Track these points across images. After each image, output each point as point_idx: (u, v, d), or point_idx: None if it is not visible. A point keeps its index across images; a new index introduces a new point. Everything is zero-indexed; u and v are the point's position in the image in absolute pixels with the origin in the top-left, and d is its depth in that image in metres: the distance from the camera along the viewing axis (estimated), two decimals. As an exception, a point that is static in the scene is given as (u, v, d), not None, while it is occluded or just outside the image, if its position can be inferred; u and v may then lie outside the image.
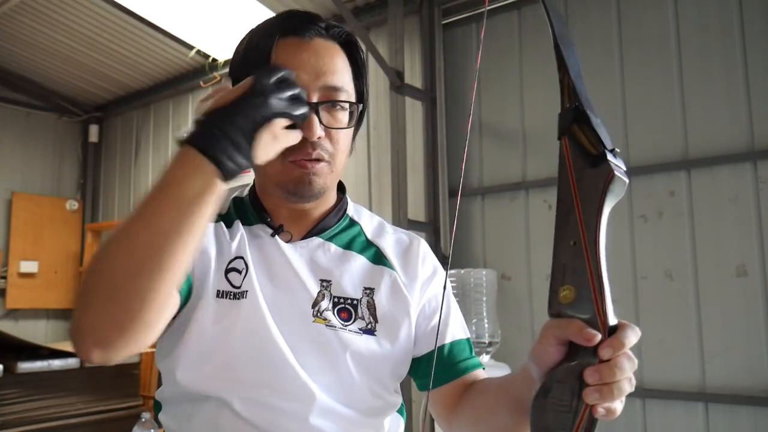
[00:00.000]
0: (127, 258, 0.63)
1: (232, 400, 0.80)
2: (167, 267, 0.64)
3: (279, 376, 0.80)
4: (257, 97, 0.68)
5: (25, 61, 4.24)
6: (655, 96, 2.51)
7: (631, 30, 2.61)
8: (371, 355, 0.84)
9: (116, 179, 4.80)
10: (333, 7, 3.13)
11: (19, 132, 4.58)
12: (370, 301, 0.87)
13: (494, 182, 2.93)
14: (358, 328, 0.85)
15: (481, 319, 2.60)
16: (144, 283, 0.63)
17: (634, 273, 2.50)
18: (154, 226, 0.64)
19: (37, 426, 3.15)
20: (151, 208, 0.65)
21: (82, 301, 0.64)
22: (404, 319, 0.88)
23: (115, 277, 0.63)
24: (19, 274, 4.38)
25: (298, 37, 0.84)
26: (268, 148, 0.70)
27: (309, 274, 0.86)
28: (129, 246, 0.64)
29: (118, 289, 0.63)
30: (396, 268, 0.91)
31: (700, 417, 2.32)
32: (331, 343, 0.83)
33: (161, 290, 0.64)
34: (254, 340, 0.80)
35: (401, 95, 2.91)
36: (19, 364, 3.11)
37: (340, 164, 0.86)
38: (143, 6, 3.43)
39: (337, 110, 0.84)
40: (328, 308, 0.84)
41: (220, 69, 3.98)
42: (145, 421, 2.18)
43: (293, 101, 0.71)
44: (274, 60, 0.83)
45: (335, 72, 0.84)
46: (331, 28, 0.87)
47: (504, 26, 2.97)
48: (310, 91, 0.81)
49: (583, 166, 0.60)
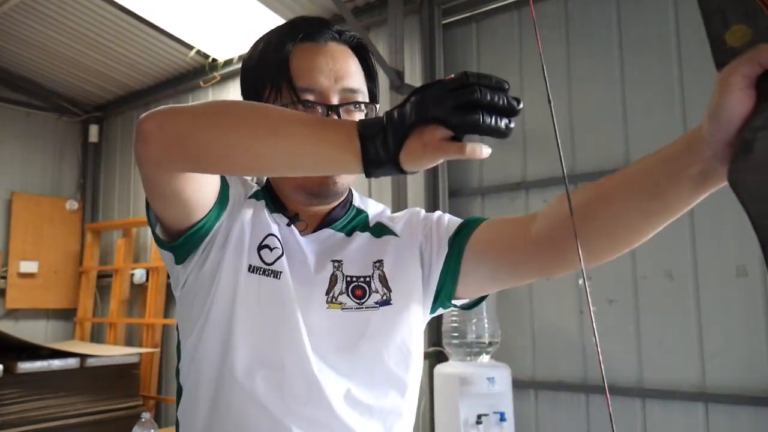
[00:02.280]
0: (226, 134, 0.68)
1: (249, 379, 0.81)
2: (243, 165, 0.71)
3: (296, 364, 0.81)
4: (417, 98, 0.61)
5: (25, 61, 4.24)
6: (656, 97, 2.51)
7: (631, 30, 2.61)
8: (391, 324, 0.86)
9: (116, 179, 4.80)
10: (333, 7, 3.13)
11: (19, 132, 4.58)
12: (381, 273, 0.89)
13: (494, 182, 2.93)
14: (374, 302, 0.87)
15: (481, 319, 2.60)
16: (226, 163, 0.71)
17: (634, 273, 2.50)
18: (267, 145, 0.68)
19: (37, 426, 3.15)
20: (279, 132, 0.67)
21: (169, 120, 0.71)
22: (415, 277, 0.89)
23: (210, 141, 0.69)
24: (19, 274, 4.38)
25: (313, 42, 0.88)
26: (417, 156, 0.61)
27: (321, 262, 0.88)
28: (237, 133, 0.68)
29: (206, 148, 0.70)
30: (398, 232, 0.93)
31: (700, 417, 2.32)
32: (347, 325, 0.85)
33: (232, 172, 0.79)
34: (284, 323, 0.83)
35: (401, 95, 2.91)
36: (19, 364, 3.11)
37: None
38: (143, 6, 3.43)
39: (356, 111, 0.88)
40: (342, 290, 0.86)
41: (220, 69, 3.98)
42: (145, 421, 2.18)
43: (467, 109, 0.58)
44: (292, 65, 0.86)
45: (351, 75, 0.88)
46: (342, 33, 0.91)
47: (504, 26, 2.97)
48: (329, 93, 0.85)
49: None
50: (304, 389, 0.81)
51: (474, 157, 0.60)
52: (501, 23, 2.98)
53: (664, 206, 0.67)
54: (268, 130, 0.67)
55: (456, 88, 0.58)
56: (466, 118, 0.57)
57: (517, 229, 0.83)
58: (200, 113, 0.72)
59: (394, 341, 0.86)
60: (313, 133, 0.66)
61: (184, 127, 0.71)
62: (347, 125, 0.65)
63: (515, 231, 0.84)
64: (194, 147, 0.70)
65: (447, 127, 0.59)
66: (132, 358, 3.66)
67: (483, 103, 0.57)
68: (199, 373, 0.86)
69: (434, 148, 0.60)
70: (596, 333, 0.63)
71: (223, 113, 0.71)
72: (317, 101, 0.85)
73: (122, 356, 3.60)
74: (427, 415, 2.67)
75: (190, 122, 0.71)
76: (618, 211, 0.72)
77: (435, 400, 2.48)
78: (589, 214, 0.71)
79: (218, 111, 0.72)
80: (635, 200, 0.69)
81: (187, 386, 0.89)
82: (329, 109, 0.85)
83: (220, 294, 0.84)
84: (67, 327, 4.63)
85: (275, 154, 0.68)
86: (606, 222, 0.73)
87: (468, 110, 0.57)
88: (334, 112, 0.85)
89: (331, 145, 0.65)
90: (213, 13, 3.39)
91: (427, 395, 2.62)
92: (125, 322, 4.25)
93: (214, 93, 4.14)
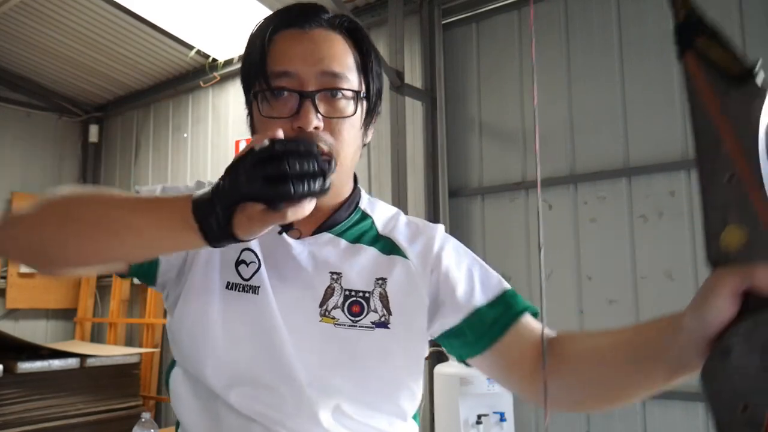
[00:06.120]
0: (81, 231, 0.69)
1: (229, 395, 0.79)
2: (109, 258, 0.71)
3: (281, 379, 0.79)
4: (232, 174, 0.61)
5: (25, 61, 4.24)
6: (655, 96, 2.51)
7: (631, 30, 2.61)
8: (385, 349, 0.81)
9: (116, 179, 4.80)
10: (333, 7, 3.13)
11: (19, 132, 4.58)
12: (382, 292, 0.82)
13: (494, 182, 2.93)
14: (370, 322, 0.81)
15: (481, 319, 2.60)
16: (86, 255, 0.71)
17: (634, 273, 2.50)
18: (109, 246, 0.69)
19: (37, 426, 3.15)
20: (126, 215, 0.68)
21: (20, 220, 0.74)
22: (419, 306, 0.83)
23: (63, 235, 0.70)
24: (19, 274, 4.38)
25: (298, 28, 0.81)
26: (245, 227, 0.62)
27: (318, 271, 0.83)
28: (88, 222, 0.69)
29: (62, 243, 0.70)
30: (409, 256, 0.86)
31: (700, 417, 2.32)
32: (339, 342, 0.80)
33: (76, 266, 0.73)
34: (262, 339, 0.79)
35: (401, 95, 2.91)
36: (19, 364, 3.11)
37: (346, 158, 0.82)
38: (143, 6, 3.43)
39: (338, 99, 0.80)
40: (337, 305, 0.81)
41: (220, 69, 3.98)
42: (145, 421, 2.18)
43: (277, 181, 0.59)
44: (270, 54, 0.80)
45: (333, 58, 0.80)
46: (335, 17, 0.84)
47: (504, 26, 2.97)
48: (306, 78, 0.78)
49: (725, 88, 0.50)
50: (290, 403, 0.78)
51: (298, 218, 0.62)
52: (501, 23, 2.98)
53: (640, 383, 0.70)
54: (104, 230, 0.68)
55: (264, 160, 0.59)
56: (279, 191, 0.59)
57: (533, 363, 0.80)
58: (36, 221, 0.72)
59: (386, 367, 0.81)
60: (150, 221, 0.66)
61: (24, 238, 0.73)
62: (181, 204, 0.64)
63: (531, 364, 0.80)
64: (47, 253, 0.72)
65: (262, 202, 0.60)
66: (132, 358, 3.66)
67: (293, 173, 0.58)
68: (186, 386, 0.85)
69: (258, 220, 0.61)
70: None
71: (59, 215, 0.71)
72: (291, 87, 0.78)
73: (122, 356, 3.60)
74: (427, 415, 2.67)
75: (27, 231, 0.72)
76: (598, 377, 0.75)
77: (435, 400, 2.48)
78: (574, 370, 0.76)
79: (55, 212, 0.72)
80: (616, 373, 0.72)
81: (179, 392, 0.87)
82: (302, 97, 0.77)
83: (188, 314, 0.81)
84: (67, 327, 4.63)
85: (122, 248, 0.69)
86: (591, 382, 0.76)
87: (278, 182, 0.59)
88: (308, 99, 0.77)
89: (171, 229, 0.65)
90: (213, 13, 3.39)
91: (427, 395, 2.62)
92: (125, 322, 4.25)
93: (214, 93, 4.14)
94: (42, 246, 0.71)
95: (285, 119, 0.78)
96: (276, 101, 0.79)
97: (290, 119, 0.78)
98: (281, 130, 0.63)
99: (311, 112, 0.76)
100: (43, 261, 0.74)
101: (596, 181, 2.62)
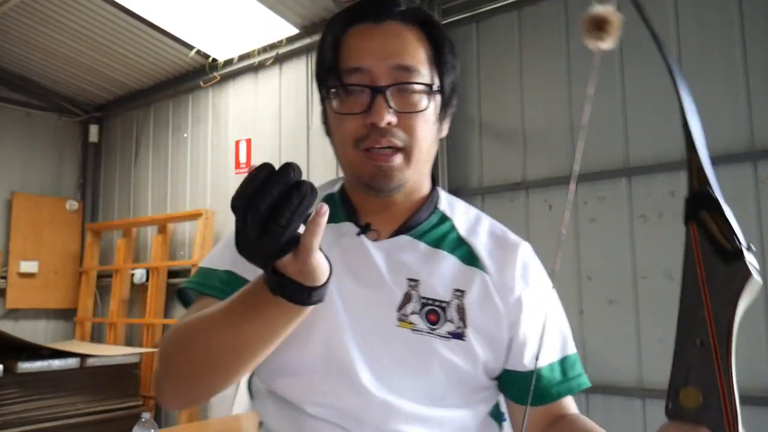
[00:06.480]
0: (206, 354, 0.68)
1: (305, 406, 0.78)
2: (243, 367, 0.68)
3: (348, 385, 0.77)
4: (244, 254, 0.57)
5: (25, 61, 4.24)
6: (655, 96, 2.51)
7: (630, 30, 2.61)
8: (459, 360, 0.79)
9: (116, 179, 4.80)
10: (333, 6, 3.13)
11: (19, 132, 4.58)
12: (459, 304, 0.80)
13: (494, 182, 2.93)
14: (446, 331, 0.79)
15: (481, 319, 2.60)
16: (221, 377, 0.69)
17: (634, 273, 2.50)
18: (240, 338, 0.66)
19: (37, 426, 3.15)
20: (235, 320, 0.66)
21: (164, 373, 0.73)
22: (495, 326, 0.81)
23: (194, 367, 0.69)
24: (19, 274, 4.38)
25: (370, 22, 0.80)
26: (306, 275, 0.58)
27: (395, 275, 0.81)
28: (211, 344, 0.68)
29: (197, 376, 0.70)
30: (489, 271, 0.83)
31: (700, 417, 2.32)
32: (417, 348, 0.78)
33: (237, 379, 0.70)
34: (327, 346, 0.78)
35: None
36: (19, 364, 3.11)
37: (420, 154, 0.80)
38: (143, 6, 3.43)
39: (410, 94, 0.78)
40: (415, 310, 0.79)
41: (220, 69, 3.97)
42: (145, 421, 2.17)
43: (263, 233, 0.53)
44: (343, 49, 0.79)
45: (405, 51, 0.78)
46: (409, 10, 0.82)
47: (504, 26, 2.97)
48: (378, 73, 0.76)
49: (714, 261, 0.55)
50: (361, 405, 0.77)
51: (319, 230, 0.56)
52: (501, 23, 2.98)
53: None
54: (226, 355, 0.67)
55: (238, 229, 0.55)
56: (285, 232, 0.53)
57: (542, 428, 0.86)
58: (170, 365, 0.73)
59: (464, 375, 0.80)
60: (246, 314, 0.64)
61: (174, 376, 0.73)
62: (261, 290, 0.62)
63: (540, 428, 0.86)
64: (199, 385, 0.72)
65: (282, 250, 0.55)
66: (132, 358, 3.66)
67: (262, 215, 0.52)
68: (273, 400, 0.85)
69: (299, 262, 0.56)
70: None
71: (180, 352, 0.71)
72: (363, 83, 0.77)
73: (122, 356, 3.60)
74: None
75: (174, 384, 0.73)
76: None
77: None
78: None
79: (180, 353, 0.72)
80: None
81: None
82: (374, 92, 0.76)
83: None
84: (67, 327, 4.63)
85: (248, 355, 0.67)
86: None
87: (264, 234, 0.53)
88: (380, 94, 0.75)
89: (267, 314, 0.63)
90: (213, 13, 3.39)
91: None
92: (125, 322, 4.25)
93: (214, 93, 4.14)
94: (198, 390, 0.72)
95: (357, 115, 0.77)
96: (348, 97, 0.79)
97: (362, 115, 0.77)
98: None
99: (383, 107, 0.75)
100: (206, 395, 0.73)
101: (596, 181, 2.62)
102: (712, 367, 0.54)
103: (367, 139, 0.77)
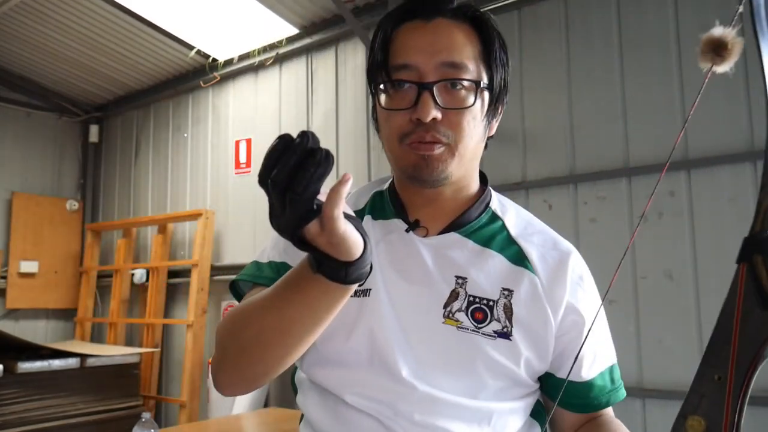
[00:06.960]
0: (255, 337, 0.70)
1: (344, 395, 0.80)
2: (291, 350, 0.70)
3: (389, 377, 0.78)
4: (273, 221, 0.58)
5: (25, 61, 4.24)
6: (655, 96, 2.51)
7: (631, 30, 2.61)
8: (504, 360, 0.79)
9: (116, 179, 4.80)
10: (333, 7, 3.13)
11: (19, 132, 4.58)
12: (507, 303, 0.80)
13: (494, 182, 2.89)
14: (492, 330, 0.79)
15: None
16: (271, 361, 0.71)
17: (634, 273, 2.50)
18: (286, 320, 0.68)
19: (37, 426, 3.15)
20: (280, 302, 0.68)
21: (218, 359, 0.76)
22: (541, 329, 0.81)
23: (245, 351, 0.71)
24: (19, 274, 4.38)
25: (421, 20, 0.81)
26: (335, 245, 0.58)
27: (443, 272, 0.81)
28: (260, 326, 0.70)
29: (248, 359, 0.72)
30: (538, 273, 0.83)
31: (700, 417, 2.32)
32: (462, 345, 0.78)
33: (287, 363, 0.72)
34: (370, 339, 0.79)
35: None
36: (19, 364, 3.11)
37: (465, 150, 0.80)
38: (143, 6, 3.44)
39: (458, 90, 0.78)
40: (461, 308, 0.79)
41: (220, 69, 3.98)
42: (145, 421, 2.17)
43: (283, 198, 0.54)
44: (392, 46, 0.80)
45: (453, 48, 0.78)
46: (459, 7, 0.82)
47: (504, 26, 2.96)
48: (425, 71, 0.77)
49: (753, 303, 0.56)
50: (402, 398, 0.78)
51: (340, 198, 0.55)
52: (501, 23, 2.97)
53: None
54: (277, 337, 0.69)
55: (271, 201, 0.56)
56: (302, 199, 0.54)
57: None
58: (225, 352, 0.75)
59: (510, 374, 0.80)
60: (291, 295, 0.67)
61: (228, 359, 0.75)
62: (303, 270, 0.65)
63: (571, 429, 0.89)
64: (252, 369, 0.73)
65: (303, 218, 0.56)
66: (132, 358, 3.66)
67: (295, 186, 0.53)
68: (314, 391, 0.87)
69: (327, 233, 0.56)
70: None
71: (232, 338, 0.74)
72: (410, 79, 0.77)
73: (122, 356, 3.60)
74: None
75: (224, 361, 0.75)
76: None
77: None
78: None
79: (232, 339, 0.74)
80: None
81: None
82: (421, 88, 0.76)
83: None
84: (67, 327, 4.63)
85: (296, 338, 0.69)
86: None
87: (293, 194, 0.53)
88: (426, 90, 0.75)
89: (309, 294, 0.65)
90: (213, 13, 3.39)
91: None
92: (125, 322, 4.26)
93: (214, 93, 4.14)
94: (251, 373, 0.74)
95: (404, 110, 0.78)
96: (396, 93, 0.79)
97: (409, 111, 0.77)
98: None
99: (429, 103, 0.75)
100: (259, 378, 0.75)
101: (596, 181, 2.62)
102: (722, 403, 0.55)
103: (413, 134, 0.77)
